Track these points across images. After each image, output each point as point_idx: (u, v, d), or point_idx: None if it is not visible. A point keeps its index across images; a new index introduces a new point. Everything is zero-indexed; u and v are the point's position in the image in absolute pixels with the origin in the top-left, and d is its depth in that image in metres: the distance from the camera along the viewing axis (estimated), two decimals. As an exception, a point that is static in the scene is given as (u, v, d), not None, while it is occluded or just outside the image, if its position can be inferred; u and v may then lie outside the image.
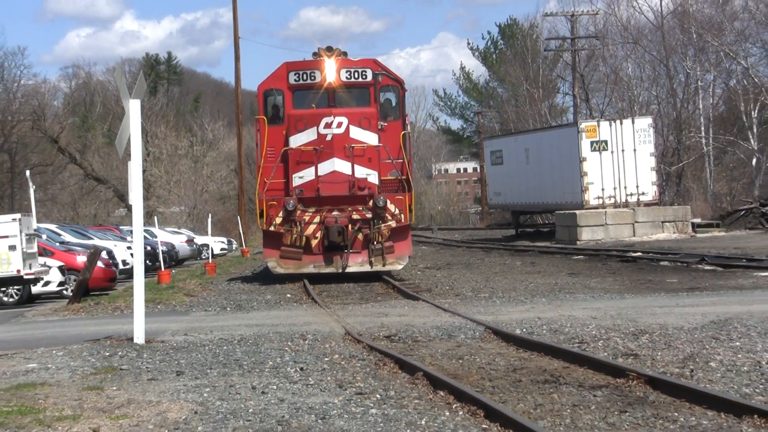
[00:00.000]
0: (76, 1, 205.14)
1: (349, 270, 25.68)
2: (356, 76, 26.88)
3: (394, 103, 27.54)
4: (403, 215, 25.94)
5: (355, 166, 25.75)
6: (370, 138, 26.12)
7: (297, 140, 26.05)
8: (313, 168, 25.83)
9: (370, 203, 25.68)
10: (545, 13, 72.01)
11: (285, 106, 27.02)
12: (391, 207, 25.70)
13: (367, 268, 25.82)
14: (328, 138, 25.75)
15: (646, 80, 64.46)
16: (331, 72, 26.47)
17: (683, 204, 47.24)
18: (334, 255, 25.79)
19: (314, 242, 25.73)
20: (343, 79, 26.72)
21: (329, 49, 27.00)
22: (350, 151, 25.74)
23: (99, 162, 76.35)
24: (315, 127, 25.84)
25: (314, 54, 27.59)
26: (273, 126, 26.71)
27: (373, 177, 26.05)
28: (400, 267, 26.47)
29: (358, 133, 25.94)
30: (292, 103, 26.89)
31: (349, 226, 25.57)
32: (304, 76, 26.83)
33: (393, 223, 25.74)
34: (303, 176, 25.95)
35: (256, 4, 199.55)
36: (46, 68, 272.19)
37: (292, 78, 26.91)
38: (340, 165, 25.78)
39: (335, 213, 25.67)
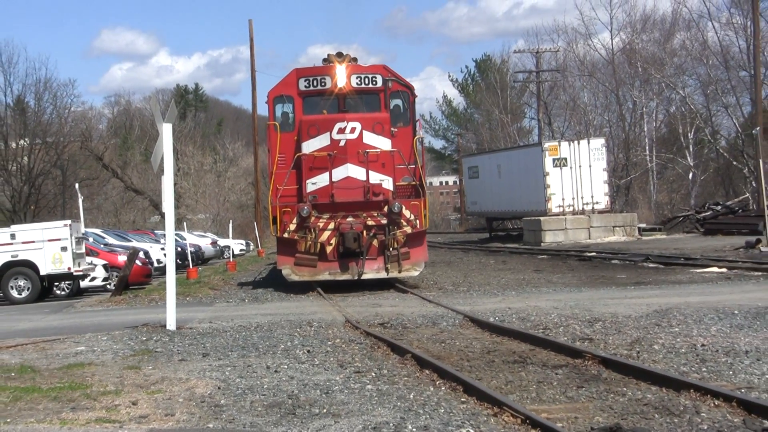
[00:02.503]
0: (118, 40, 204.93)
1: (365, 277, 21.89)
2: (366, 81, 23.14)
3: (404, 109, 23.73)
4: (418, 221, 22.18)
5: (370, 171, 22.09)
6: (384, 143, 22.40)
7: (310, 146, 22.29)
8: (326, 174, 22.11)
9: (385, 209, 21.98)
10: (514, 51, 72.78)
11: (295, 113, 23.30)
12: (406, 213, 22.02)
13: (383, 274, 22.01)
14: (342, 143, 22.07)
15: (599, 107, 64.75)
16: (341, 78, 22.78)
17: (631, 211, 47.31)
18: (349, 262, 21.92)
19: (329, 249, 21.94)
20: (354, 84, 22.99)
21: (339, 54, 23.42)
22: (364, 156, 22.00)
23: (137, 176, 76.28)
24: (328, 133, 22.13)
25: (324, 60, 23.90)
26: (283, 133, 22.97)
27: (387, 183, 22.28)
28: (416, 273, 22.36)
29: (371, 139, 22.25)
30: (303, 109, 23.18)
31: (364, 232, 21.81)
32: (315, 82, 23.12)
33: (408, 229, 22.03)
34: (316, 182, 22.19)
35: (270, 42, 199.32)
36: (93, 97, 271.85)
37: (302, 84, 23.19)
38: (354, 171, 22.10)
39: (350, 219, 21.86)
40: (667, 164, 59.06)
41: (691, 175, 56.24)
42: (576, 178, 41.52)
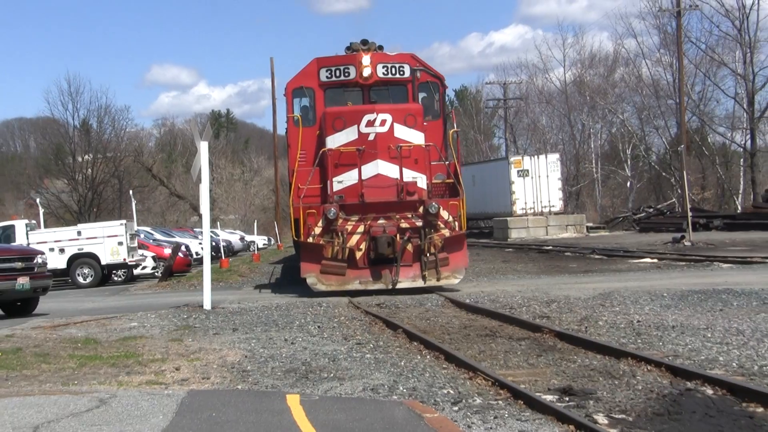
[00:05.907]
0: (166, 73, 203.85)
1: (399, 286, 16.21)
2: (393, 71, 17.65)
3: (433, 101, 18.16)
4: (456, 223, 16.83)
5: (403, 168, 16.58)
6: (417, 137, 16.81)
7: (335, 140, 16.73)
8: (354, 171, 16.58)
9: (420, 210, 16.45)
10: (486, 82, 72.84)
11: (316, 105, 17.80)
12: (443, 214, 16.53)
13: (420, 283, 16.34)
14: (371, 137, 16.55)
15: (555, 128, 64.90)
16: (367, 67, 17.42)
17: (580, 213, 47.27)
18: (381, 269, 16.35)
19: (359, 255, 16.31)
20: (380, 74, 17.55)
21: (364, 42, 17.87)
22: (396, 151, 16.49)
23: (179, 184, 76.06)
24: (355, 126, 16.62)
25: (347, 48, 18.22)
26: (304, 128, 17.54)
27: (421, 181, 16.76)
28: (456, 281, 16.70)
29: (403, 132, 16.75)
30: (324, 102, 17.71)
31: (398, 236, 16.23)
32: (337, 72, 17.63)
33: (447, 232, 16.55)
34: (343, 181, 16.67)
35: (289, 74, 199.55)
36: (144, 120, 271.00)
37: (323, 75, 17.68)
38: (384, 167, 16.58)
39: (381, 221, 16.28)
40: (610, 175, 59.21)
41: (628, 184, 56.47)
42: (536, 186, 41.48)
